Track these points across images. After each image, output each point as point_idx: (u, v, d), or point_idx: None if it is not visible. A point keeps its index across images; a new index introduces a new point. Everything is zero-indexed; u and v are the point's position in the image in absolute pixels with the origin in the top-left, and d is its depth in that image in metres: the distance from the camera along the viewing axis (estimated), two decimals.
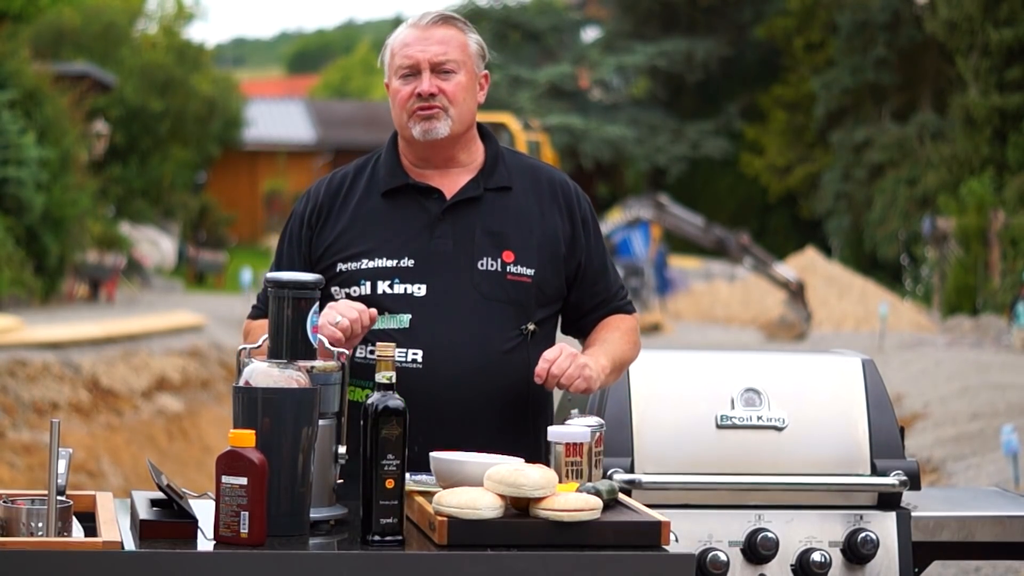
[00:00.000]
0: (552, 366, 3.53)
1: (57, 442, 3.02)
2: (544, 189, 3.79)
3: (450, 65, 3.66)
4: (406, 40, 3.69)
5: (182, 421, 15.98)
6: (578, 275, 3.78)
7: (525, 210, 3.74)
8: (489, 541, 3.00)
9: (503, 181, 3.75)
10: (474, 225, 3.69)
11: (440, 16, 3.71)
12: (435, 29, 3.68)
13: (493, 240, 3.69)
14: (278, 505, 3.04)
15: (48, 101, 23.44)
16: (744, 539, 3.76)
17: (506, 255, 3.69)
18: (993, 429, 11.80)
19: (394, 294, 3.63)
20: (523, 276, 3.69)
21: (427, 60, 3.65)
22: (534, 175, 3.81)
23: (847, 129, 37.18)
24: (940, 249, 28.88)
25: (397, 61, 3.69)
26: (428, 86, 3.65)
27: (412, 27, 3.71)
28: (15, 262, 21.09)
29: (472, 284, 3.65)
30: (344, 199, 3.75)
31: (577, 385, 3.54)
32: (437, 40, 3.67)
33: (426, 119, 3.65)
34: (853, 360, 3.96)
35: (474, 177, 3.74)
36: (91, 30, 34.93)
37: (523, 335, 3.69)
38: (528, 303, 3.70)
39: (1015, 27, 29.54)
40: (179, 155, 35.39)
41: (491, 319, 3.65)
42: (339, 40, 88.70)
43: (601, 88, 44.13)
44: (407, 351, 3.59)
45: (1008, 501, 4.12)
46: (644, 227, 29.99)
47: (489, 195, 3.72)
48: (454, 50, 3.67)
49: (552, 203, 3.77)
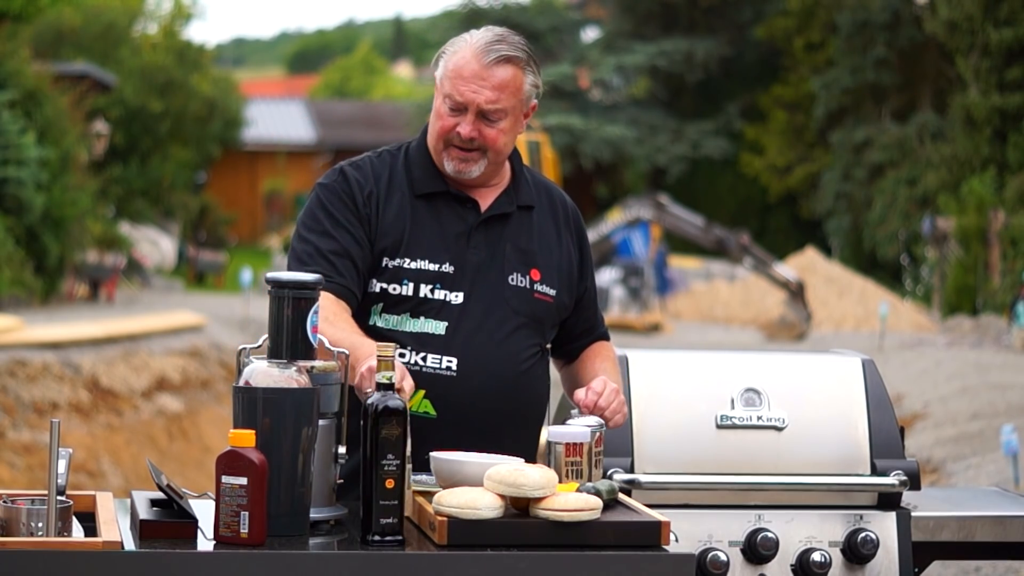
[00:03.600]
0: (600, 399, 3.54)
1: (57, 442, 3.02)
2: (559, 211, 3.82)
3: (498, 114, 3.61)
4: (462, 71, 3.59)
5: (182, 421, 15.98)
6: (579, 301, 3.83)
7: (546, 231, 3.76)
8: (489, 541, 3.00)
9: (529, 200, 3.76)
10: (504, 240, 3.70)
11: (504, 56, 3.60)
12: (496, 69, 3.59)
13: (522, 257, 3.71)
14: (278, 505, 3.04)
15: (48, 101, 23.44)
16: (744, 539, 3.76)
17: (533, 273, 3.71)
18: (993, 429, 11.80)
19: (434, 299, 3.63)
20: (547, 296, 3.72)
21: (477, 105, 3.59)
22: (548, 193, 3.83)
23: (847, 129, 37.17)
24: (940, 249, 28.88)
25: (447, 87, 3.60)
26: (469, 131, 3.60)
27: (474, 57, 3.60)
28: (15, 262, 21.09)
29: (504, 298, 3.66)
30: (387, 191, 3.69)
31: (616, 420, 3.57)
32: (493, 85, 3.59)
33: (462, 160, 3.63)
34: (853, 360, 3.96)
35: (505, 191, 3.73)
36: (91, 30, 34.92)
37: (540, 353, 3.73)
38: (547, 322, 3.74)
39: (1015, 27, 29.54)
40: (179, 155, 35.39)
41: (518, 334, 3.67)
42: (339, 40, 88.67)
43: (601, 88, 44.11)
44: (441, 358, 3.59)
45: (1008, 501, 4.12)
46: (644, 227, 29.98)
47: (518, 212, 3.73)
48: (507, 97, 3.60)
49: (566, 227, 3.81)
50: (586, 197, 41.67)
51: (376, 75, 68.05)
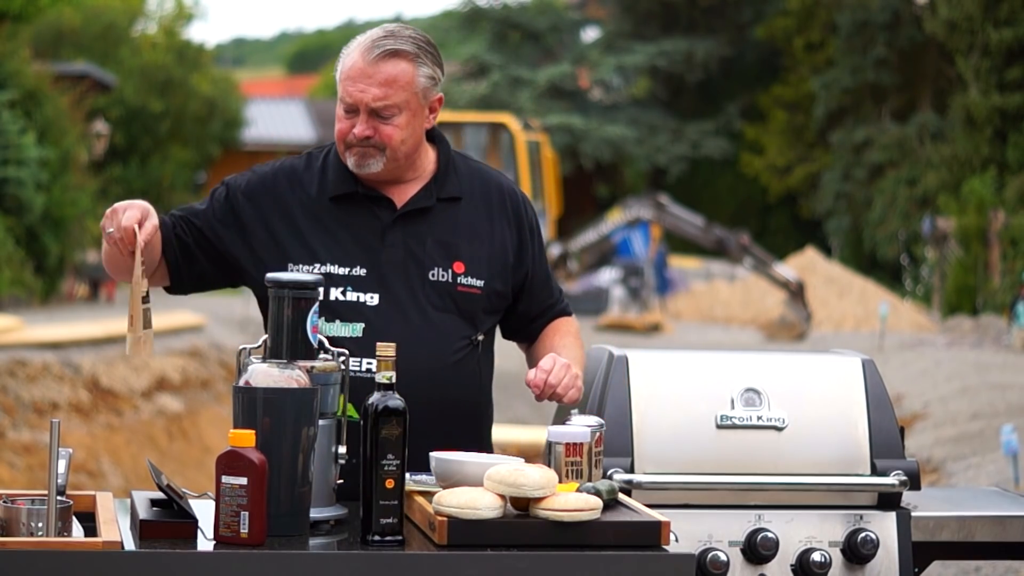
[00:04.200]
0: (550, 376, 3.54)
1: (57, 442, 3.02)
2: (493, 198, 3.77)
3: (389, 110, 3.57)
4: (351, 72, 3.58)
5: (182, 421, 15.98)
6: (525, 284, 3.80)
7: (475, 220, 3.72)
8: (489, 541, 3.00)
9: (454, 191, 3.72)
10: (425, 235, 3.67)
11: (389, 51, 3.57)
12: (382, 65, 3.56)
13: (443, 250, 3.67)
14: (278, 505, 3.04)
15: (48, 101, 23.45)
16: (744, 539, 3.75)
17: (456, 266, 3.68)
18: (993, 429, 11.80)
19: (347, 301, 3.61)
20: (473, 287, 3.68)
21: (365, 104, 3.57)
22: (484, 183, 3.78)
23: (847, 129, 37.18)
24: (940, 249, 28.89)
25: (341, 90, 3.60)
26: (362, 130, 3.58)
27: (361, 55, 3.59)
28: (15, 262, 21.10)
29: (423, 294, 3.64)
30: (293, 195, 3.69)
31: (571, 395, 3.57)
32: (380, 81, 3.56)
33: (361, 156, 3.61)
34: (853, 360, 3.96)
35: (426, 185, 3.71)
36: (91, 30, 34.93)
37: (472, 345, 3.70)
38: (476, 313, 3.70)
39: (1015, 27, 29.55)
40: (179, 155, 35.39)
41: (442, 329, 3.64)
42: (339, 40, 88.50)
43: (601, 88, 44.13)
44: (361, 360, 3.56)
45: (1008, 501, 4.12)
46: (644, 227, 29.98)
47: (440, 205, 3.70)
48: (397, 92, 3.57)
49: (501, 213, 3.76)
50: (586, 197, 41.70)
51: None
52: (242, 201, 3.69)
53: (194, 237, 3.69)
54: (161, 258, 3.67)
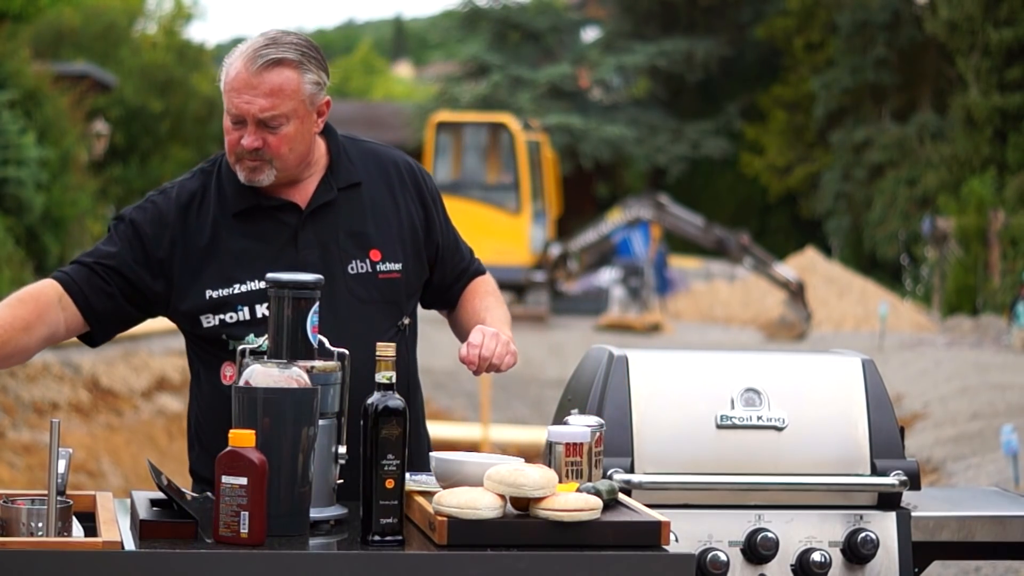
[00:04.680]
0: (482, 350, 3.52)
1: (57, 442, 3.02)
2: (392, 175, 3.75)
3: (277, 120, 3.53)
4: (235, 83, 3.54)
5: (182, 421, 15.97)
6: (438, 254, 3.79)
7: (380, 203, 3.70)
8: (489, 541, 3.00)
9: (352, 177, 3.70)
10: (336, 229, 3.65)
11: (272, 60, 3.53)
12: (266, 75, 3.52)
13: (357, 241, 3.66)
14: (278, 505, 3.05)
15: (48, 101, 23.44)
16: (744, 539, 3.75)
17: (373, 254, 3.67)
18: (993, 429, 11.80)
19: None
20: (393, 272, 3.68)
21: (253, 115, 3.53)
22: (377, 160, 3.76)
23: (847, 129, 37.17)
24: (940, 249, 28.88)
25: (226, 101, 3.56)
26: (251, 141, 3.54)
27: (244, 66, 3.54)
28: (15, 262, 21.08)
29: (347, 290, 3.63)
30: (197, 219, 3.63)
31: (507, 362, 3.55)
32: (266, 91, 3.52)
33: (251, 170, 3.58)
34: (853, 360, 3.96)
35: (323, 179, 3.68)
36: (91, 30, 34.92)
37: (400, 330, 3.69)
38: (400, 298, 3.70)
39: (1015, 27, 29.55)
40: (179, 155, 35.38)
41: (369, 321, 3.63)
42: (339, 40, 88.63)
43: (601, 88, 44.11)
44: None
45: (1008, 501, 4.12)
46: (644, 227, 29.96)
47: (342, 194, 3.67)
48: (284, 102, 3.53)
49: (402, 189, 3.75)
50: (586, 197, 41.67)
51: (376, 75, 68.06)
52: (149, 236, 3.62)
53: (113, 283, 3.61)
54: (76, 311, 3.59)
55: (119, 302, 3.63)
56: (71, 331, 3.62)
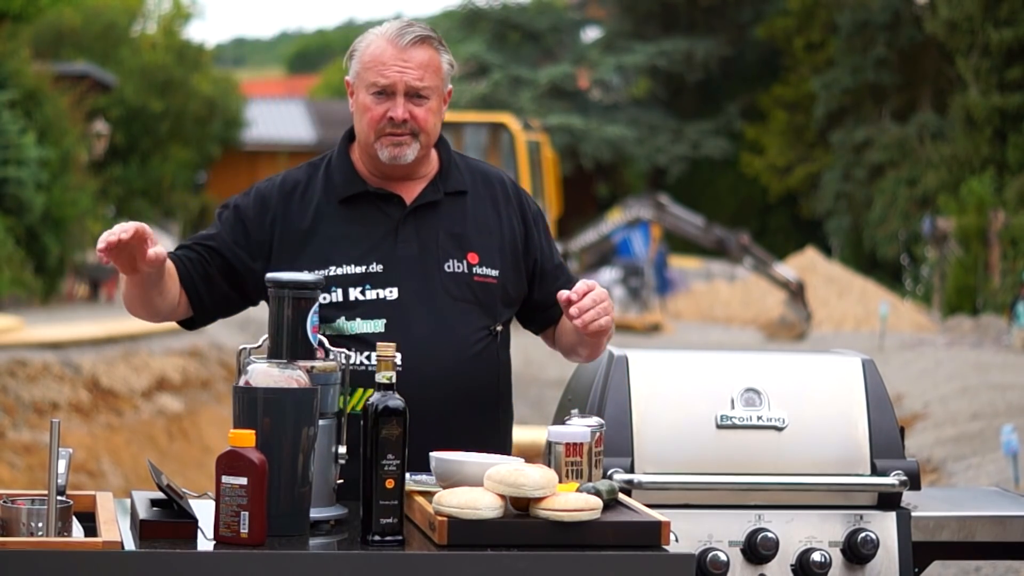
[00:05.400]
0: (592, 293, 3.49)
1: (57, 442, 3.02)
2: (497, 191, 3.81)
3: (426, 91, 3.62)
4: (382, 57, 3.62)
5: (182, 421, 15.97)
6: (536, 273, 3.81)
7: (482, 213, 3.76)
8: (489, 541, 3.00)
9: (459, 185, 3.77)
10: (436, 228, 3.70)
11: (420, 36, 3.63)
12: (414, 50, 3.62)
13: (456, 242, 3.71)
14: (278, 505, 3.05)
15: (48, 101, 23.45)
16: (744, 539, 3.75)
17: (471, 256, 3.71)
18: (993, 429, 11.80)
19: (367, 300, 3.64)
20: (489, 277, 3.72)
21: (405, 84, 3.60)
22: (484, 176, 3.83)
23: (847, 129, 37.17)
24: (940, 249, 28.89)
25: (370, 76, 3.62)
26: (402, 112, 3.61)
27: (390, 43, 3.62)
28: (15, 262, 21.09)
29: (441, 286, 3.67)
30: (300, 204, 3.71)
31: (604, 323, 3.52)
32: (416, 64, 3.61)
33: (396, 145, 3.63)
34: (853, 360, 3.96)
35: (432, 181, 3.74)
36: (91, 30, 34.91)
37: (491, 335, 3.72)
38: (494, 303, 3.73)
39: (1015, 27, 29.55)
40: (179, 155, 35.38)
41: (461, 320, 3.67)
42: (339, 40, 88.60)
43: (601, 88, 44.10)
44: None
45: (1008, 501, 4.12)
46: (644, 227, 29.99)
47: (447, 199, 3.74)
48: (431, 75, 3.62)
49: (506, 204, 3.80)
50: (586, 197, 41.68)
51: None
52: (251, 218, 3.71)
53: (213, 263, 3.69)
54: (181, 291, 3.67)
55: (218, 282, 3.70)
56: (179, 310, 3.69)
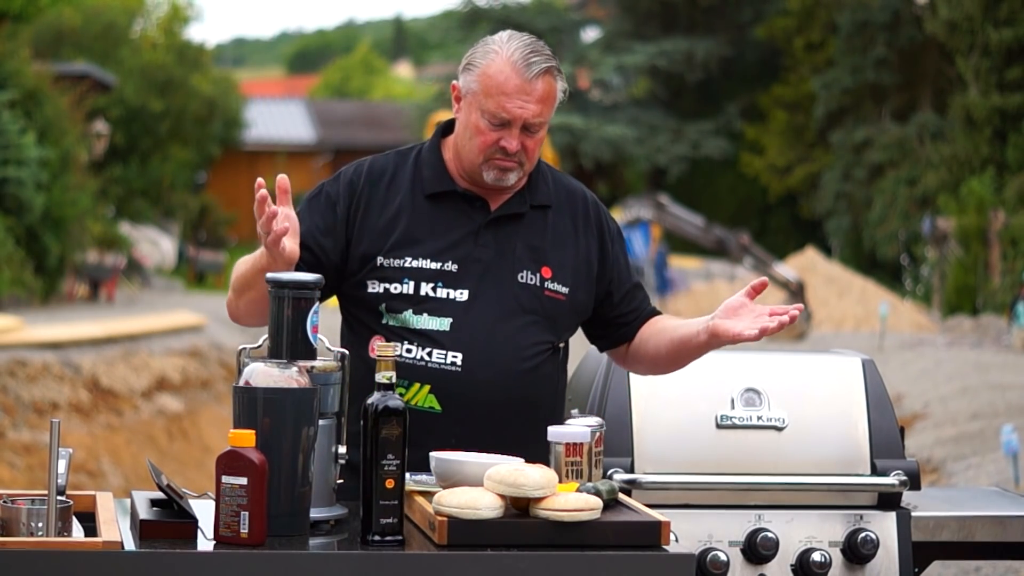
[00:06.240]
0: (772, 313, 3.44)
1: (57, 442, 3.02)
2: (579, 208, 3.82)
3: (540, 125, 3.65)
4: (504, 87, 3.60)
5: (182, 421, 15.98)
6: (610, 292, 3.81)
7: (562, 229, 3.77)
8: (489, 541, 3.00)
9: (544, 199, 3.77)
10: (515, 238, 3.71)
11: (544, 68, 3.64)
12: (538, 83, 3.63)
13: (533, 255, 3.72)
14: (278, 505, 3.04)
15: (48, 101, 23.44)
16: (744, 539, 3.76)
17: (544, 271, 3.72)
18: (993, 429, 11.79)
19: (437, 297, 3.64)
20: (559, 293, 3.72)
21: (524, 120, 3.62)
22: (569, 191, 3.84)
23: (847, 129, 37.16)
24: (940, 249, 28.88)
25: (490, 106, 3.60)
26: (516, 145, 3.63)
27: (515, 72, 3.61)
28: (15, 262, 21.09)
29: (512, 295, 3.67)
30: (387, 191, 3.72)
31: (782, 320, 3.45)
32: (538, 98, 3.63)
33: (502, 171, 3.65)
34: (853, 360, 3.96)
35: (519, 192, 3.75)
36: (91, 30, 34.92)
37: (552, 350, 3.73)
38: (560, 319, 3.73)
39: (1015, 27, 29.54)
40: (179, 155, 35.39)
41: (527, 330, 3.67)
42: (339, 40, 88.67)
43: (601, 88, 44.10)
44: (446, 353, 3.60)
45: (1008, 501, 4.12)
46: (644, 227, 29.97)
47: (531, 212, 3.75)
48: (548, 108, 3.67)
49: (586, 223, 3.81)
50: None
51: (376, 75, 68.05)
52: (338, 202, 3.71)
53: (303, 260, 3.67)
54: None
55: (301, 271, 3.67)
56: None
